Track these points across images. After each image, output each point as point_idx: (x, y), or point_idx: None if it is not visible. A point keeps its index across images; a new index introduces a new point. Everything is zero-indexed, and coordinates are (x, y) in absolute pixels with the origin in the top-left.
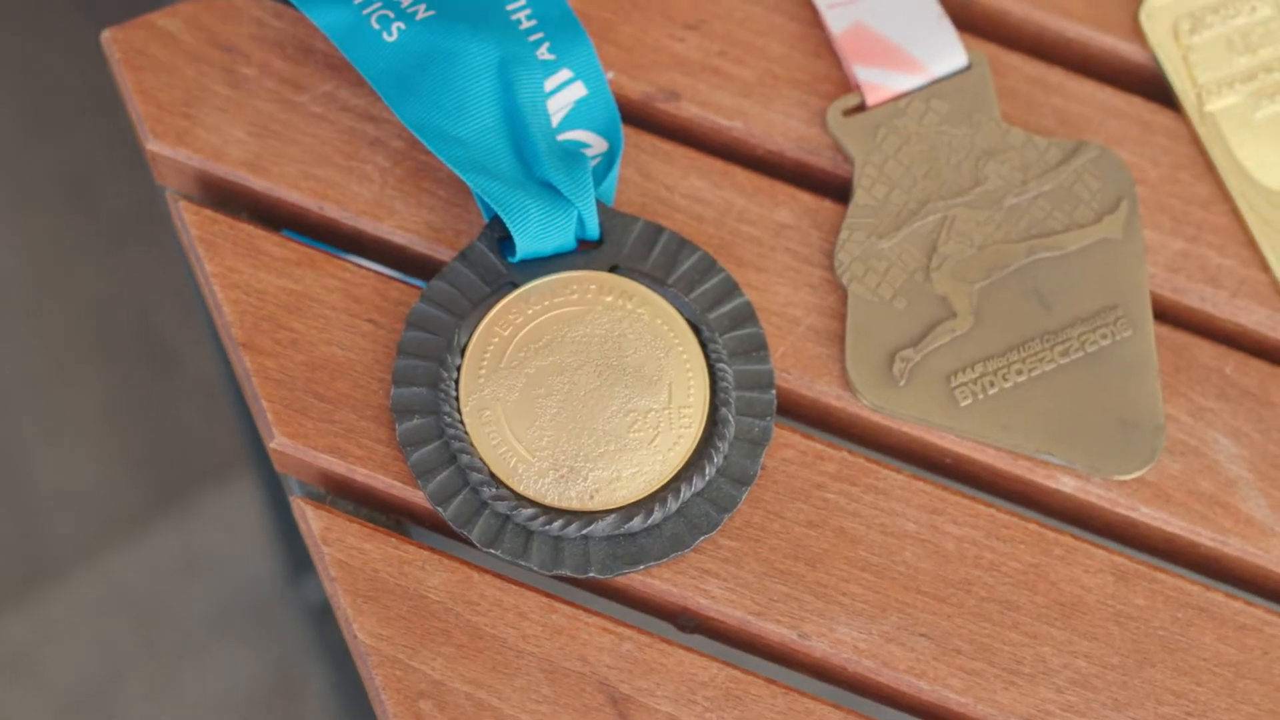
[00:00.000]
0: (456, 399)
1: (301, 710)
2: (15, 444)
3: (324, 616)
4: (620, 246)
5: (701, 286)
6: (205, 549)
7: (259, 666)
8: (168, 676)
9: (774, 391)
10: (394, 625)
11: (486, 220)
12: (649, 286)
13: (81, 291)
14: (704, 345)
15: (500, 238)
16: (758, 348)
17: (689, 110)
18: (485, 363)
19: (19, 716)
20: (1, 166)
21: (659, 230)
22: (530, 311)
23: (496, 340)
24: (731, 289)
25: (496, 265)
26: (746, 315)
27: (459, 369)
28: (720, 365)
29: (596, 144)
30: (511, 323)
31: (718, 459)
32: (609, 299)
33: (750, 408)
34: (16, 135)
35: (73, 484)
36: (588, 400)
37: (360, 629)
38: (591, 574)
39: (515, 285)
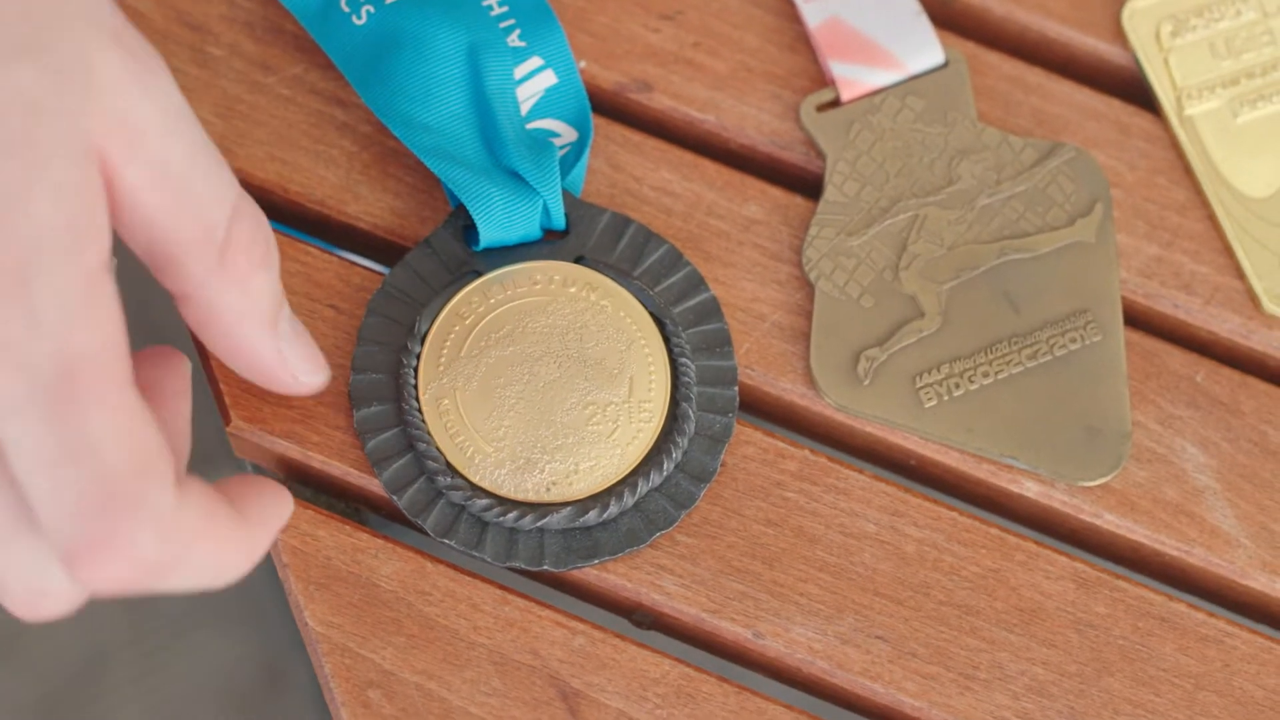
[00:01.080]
0: (415, 387)
1: (288, 699)
2: None
3: None
4: (586, 238)
5: (667, 280)
6: None
7: (245, 654)
8: (154, 662)
9: (736, 388)
10: (345, 613)
11: (453, 208)
12: (614, 279)
13: None
14: (667, 339)
15: (465, 225)
16: (722, 343)
17: (661, 102)
18: (445, 351)
19: (3, 700)
20: None
21: (626, 222)
22: (492, 301)
23: (457, 329)
24: (698, 283)
25: (460, 253)
26: (712, 310)
27: (419, 357)
28: (683, 360)
29: (566, 133)
30: (473, 311)
31: (677, 455)
32: (572, 290)
33: (712, 404)
34: None
35: None
36: (547, 392)
37: (311, 616)
38: (545, 567)
39: (479, 274)
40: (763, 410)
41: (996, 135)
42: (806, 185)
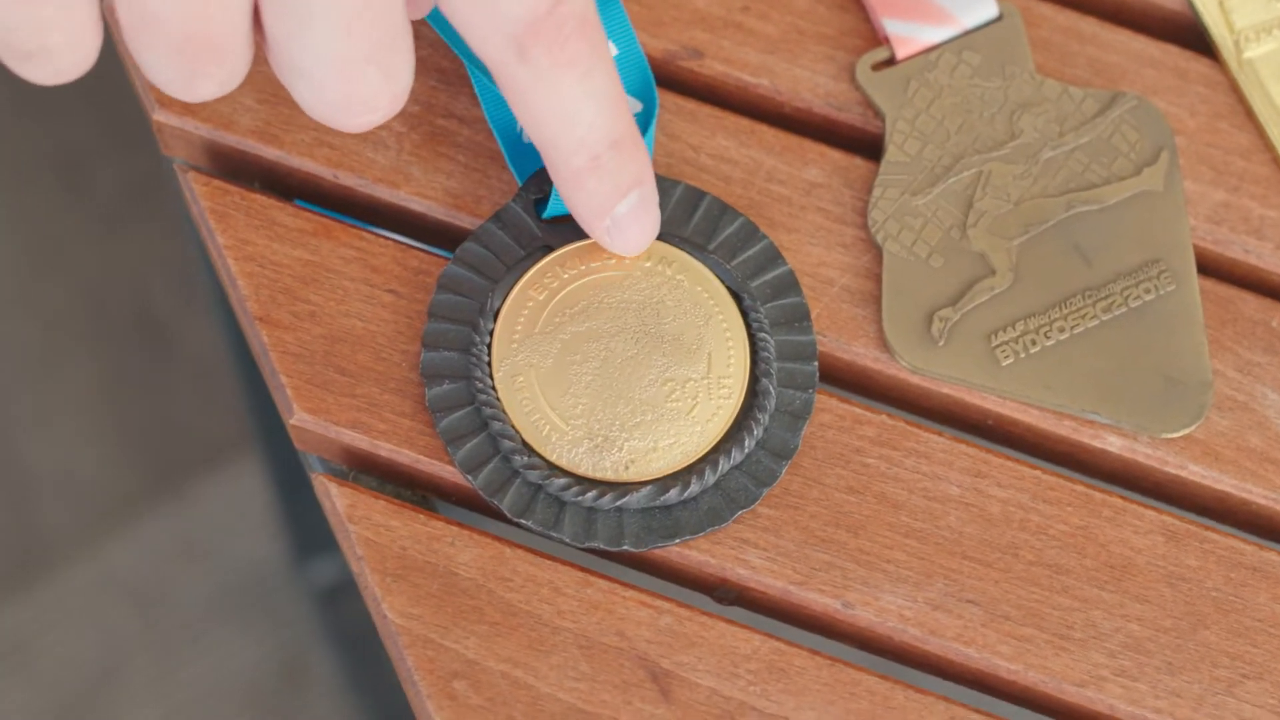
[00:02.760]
0: (489, 364)
1: (307, 695)
2: (9, 429)
3: (329, 600)
4: (660, 211)
5: (743, 254)
6: (205, 533)
7: (263, 652)
8: (170, 664)
9: (816, 364)
10: (424, 604)
11: (520, 183)
12: (689, 253)
13: (75, 273)
14: (745, 314)
15: (536, 199)
16: (800, 318)
17: (714, 68)
18: (519, 327)
19: (19, 709)
20: None
21: (700, 195)
22: (566, 276)
23: (531, 305)
24: (774, 257)
25: (532, 227)
26: (789, 284)
27: (491, 333)
28: (762, 335)
29: (630, 105)
30: (547, 287)
31: (758, 431)
32: (648, 264)
33: (791, 379)
34: (6, 116)
35: (69, 469)
36: (624, 368)
37: (390, 609)
38: (625, 547)
39: (550, 248)
40: (836, 376)
41: (1056, 87)
42: (865, 146)
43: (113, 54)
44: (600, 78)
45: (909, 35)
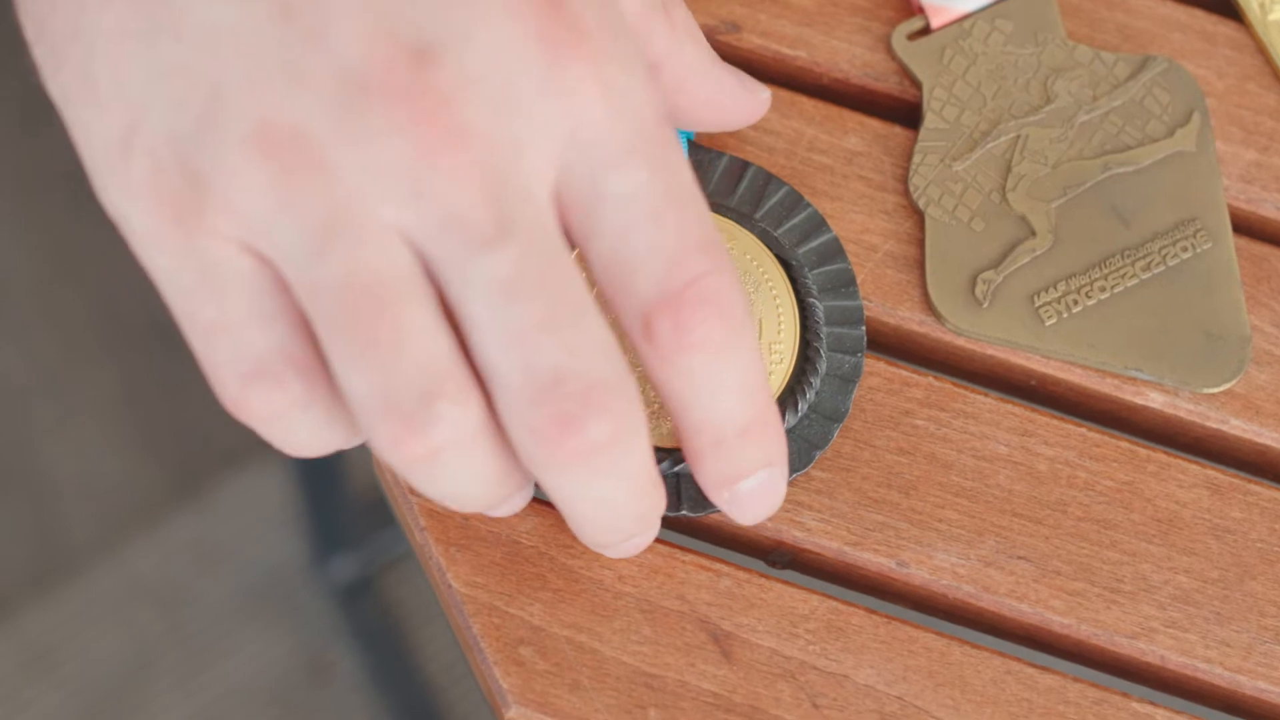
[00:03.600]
0: None
1: (331, 691)
2: (30, 436)
3: (350, 597)
4: (706, 182)
5: (789, 221)
6: (227, 535)
7: (286, 650)
8: (196, 664)
9: (864, 328)
10: (488, 573)
11: None
12: (736, 221)
13: (94, 281)
14: (793, 281)
15: None
16: (847, 283)
17: (751, 41)
18: None
19: (50, 713)
20: (5, 157)
21: (745, 165)
22: None
23: (583, 274)
24: (819, 224)
25: None
26: (835, 250)
27: None
28: (810, 300)
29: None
30: None
31: (810, 395)
32: None
33: (840, 344)
34: (20, 125)
35: (90, 475)
36: None
37: (455, 578)
38: (683, 512)
39: None
40: (882, 341)
41: (1088, 52)
42: (903, 114)
43: None
44: (732, 360)
45: (943, 4)
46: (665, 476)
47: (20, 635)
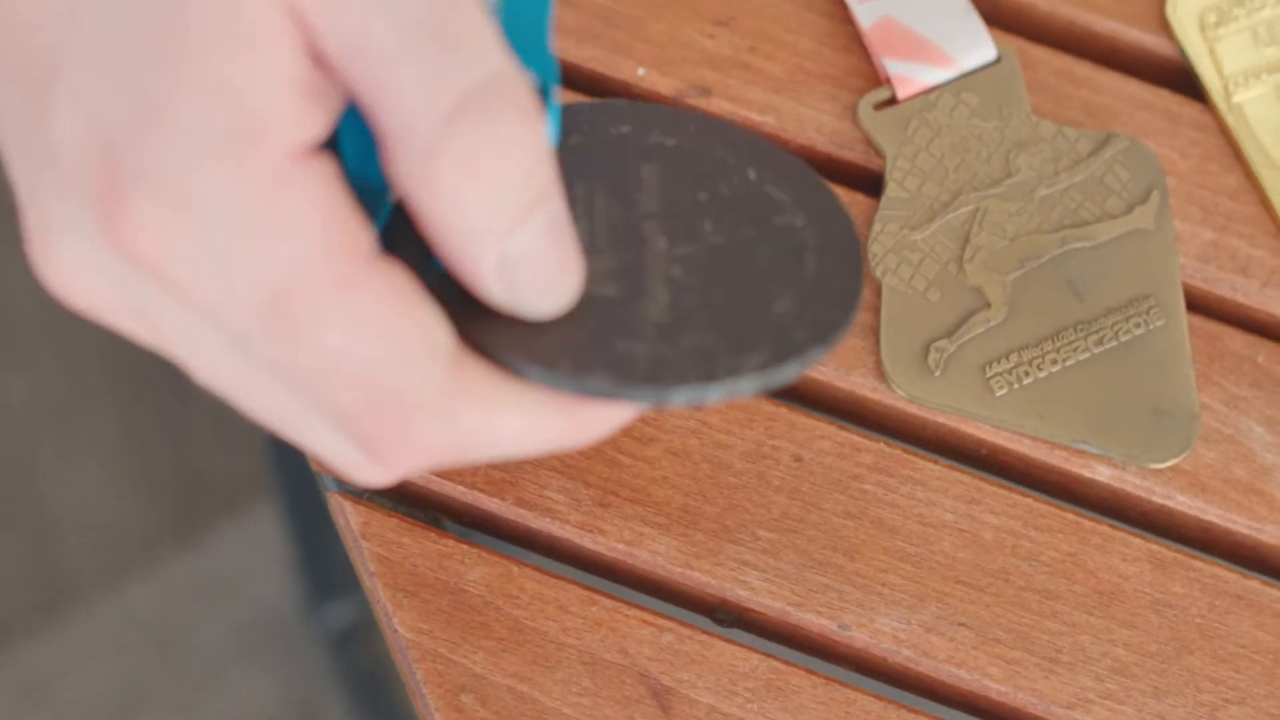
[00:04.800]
0: None
1: None
2: (34, 469)
3: (344, 642)
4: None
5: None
6: (224, 575)
7: (280, 692)
8: (188, 702)
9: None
10: (434, 619)
11: None
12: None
13: None
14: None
15: None
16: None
17: (720, 106)
18: None
19: None
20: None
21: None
22: None
23: None
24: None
25: None
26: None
27: None
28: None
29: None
30: None
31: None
32: None
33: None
34: None
35: (91, 510)
36: None
37: (400, 623)
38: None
39: None
40: (835, 405)
41: (1051, 127)
42: (867, 183)
43: None
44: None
45: (910, 76)
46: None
47: (17, 666)
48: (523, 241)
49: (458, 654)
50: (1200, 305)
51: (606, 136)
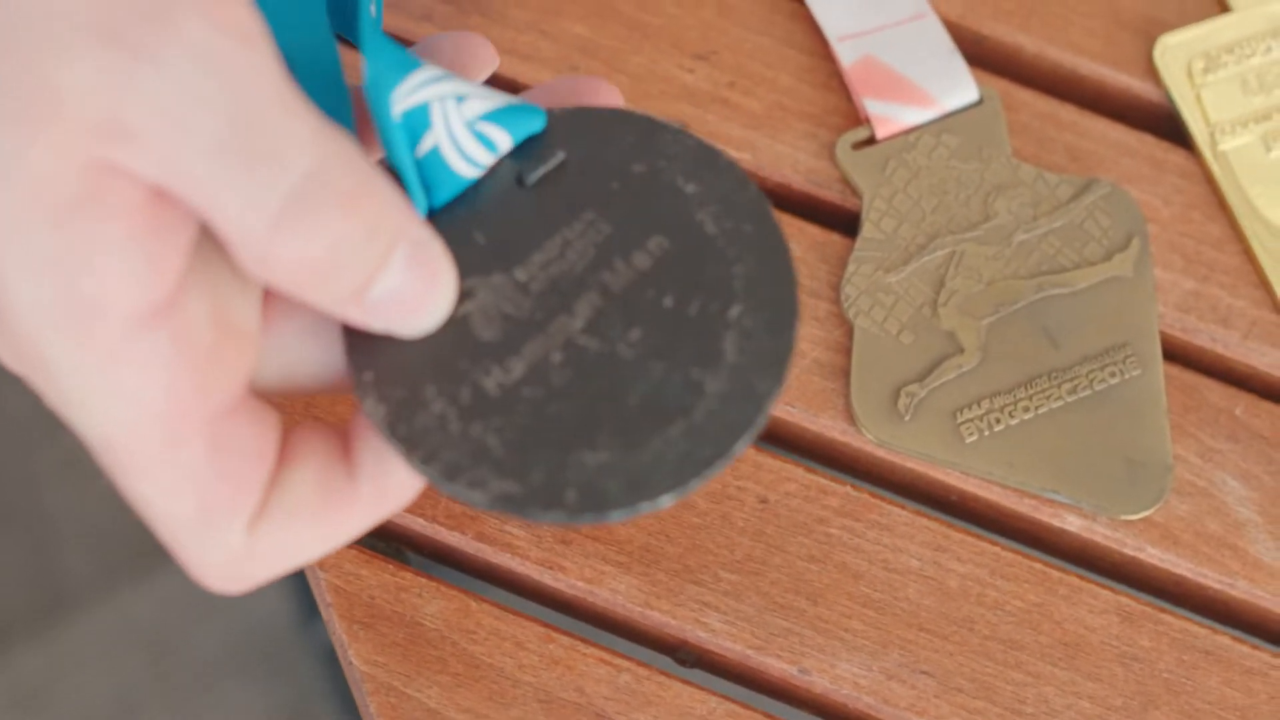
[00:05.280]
0: None
1: None
2: (34, 476)
3: (336, 658)
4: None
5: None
6: None
7: (271, 706)
8: (181, 713)
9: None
10: (390, 652)
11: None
12: None
13: None
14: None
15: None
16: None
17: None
18: None
19: None
20: None
21: None
22: None
23: None
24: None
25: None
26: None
27: None
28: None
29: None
30: None
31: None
32: None
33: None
34: None
35: (89, 518)
36: None
37: (356, 655)
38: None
39: None
40: (803, 447)
41: (1032, 171)
42: (843, 223)
43: None
44: None
45: (889, 116)
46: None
47: (13, 673)
48: (383, 286)
49: (412, 688)
50: (1179, 355)
51: (627, 170)
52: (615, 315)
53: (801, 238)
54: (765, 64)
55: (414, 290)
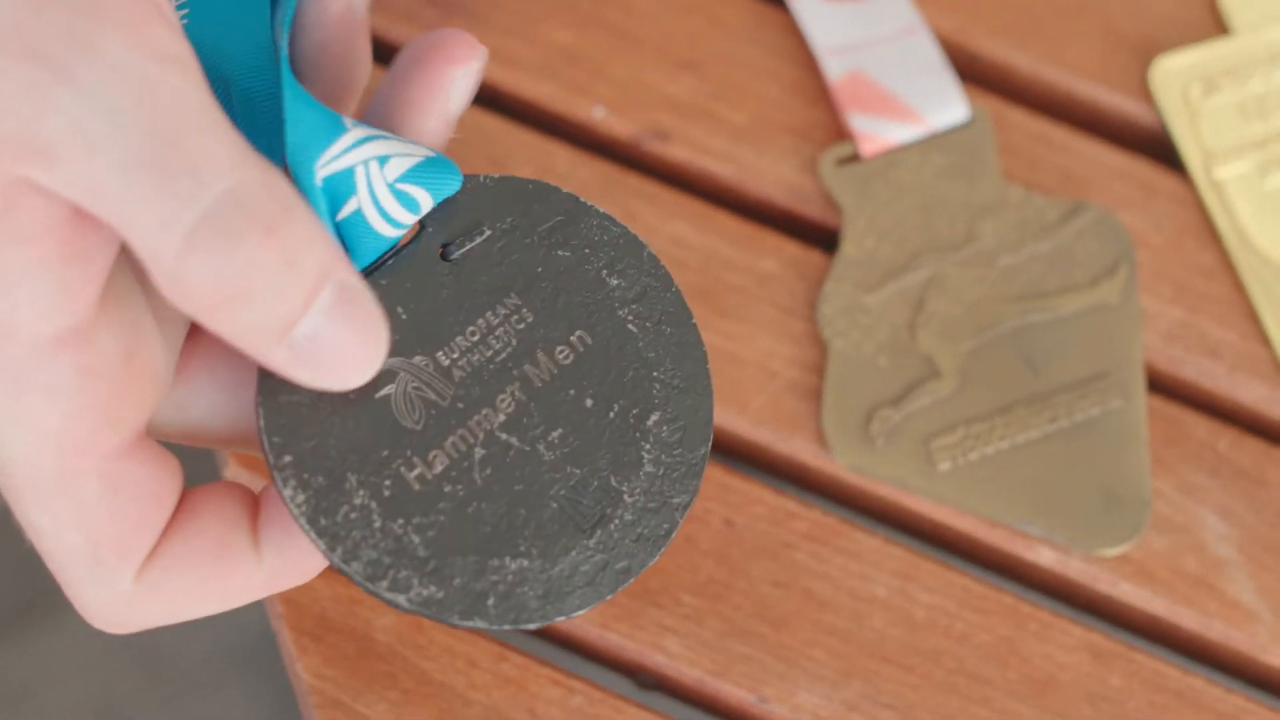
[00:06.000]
0: None
1: None
2: None
3: None
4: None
5: None
6: None
7: (257, 710)
8: (168, 715)
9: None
10: (338, 666)
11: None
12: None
13: None
14: None
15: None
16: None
17: (677, 153)
18: None
19: None
20: None
21: None
22: None
23: None
24: None
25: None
26: None
27: None
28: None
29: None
30: None
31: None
32: None
33: None
34: None
35: None
36: None
37: (304, 668)
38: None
39: None
40: (773, 469)
41: (1020, 193)
42: (824, 239)
43: None
44: None
45: (876, 132)
46: None
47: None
48: (309, 326)
49: (361, 703)
50: (1163, 386)
51: (552, 255)
52: (536, 413)
53: (780, 254)
54: (752, 76)
55: (342, 338)
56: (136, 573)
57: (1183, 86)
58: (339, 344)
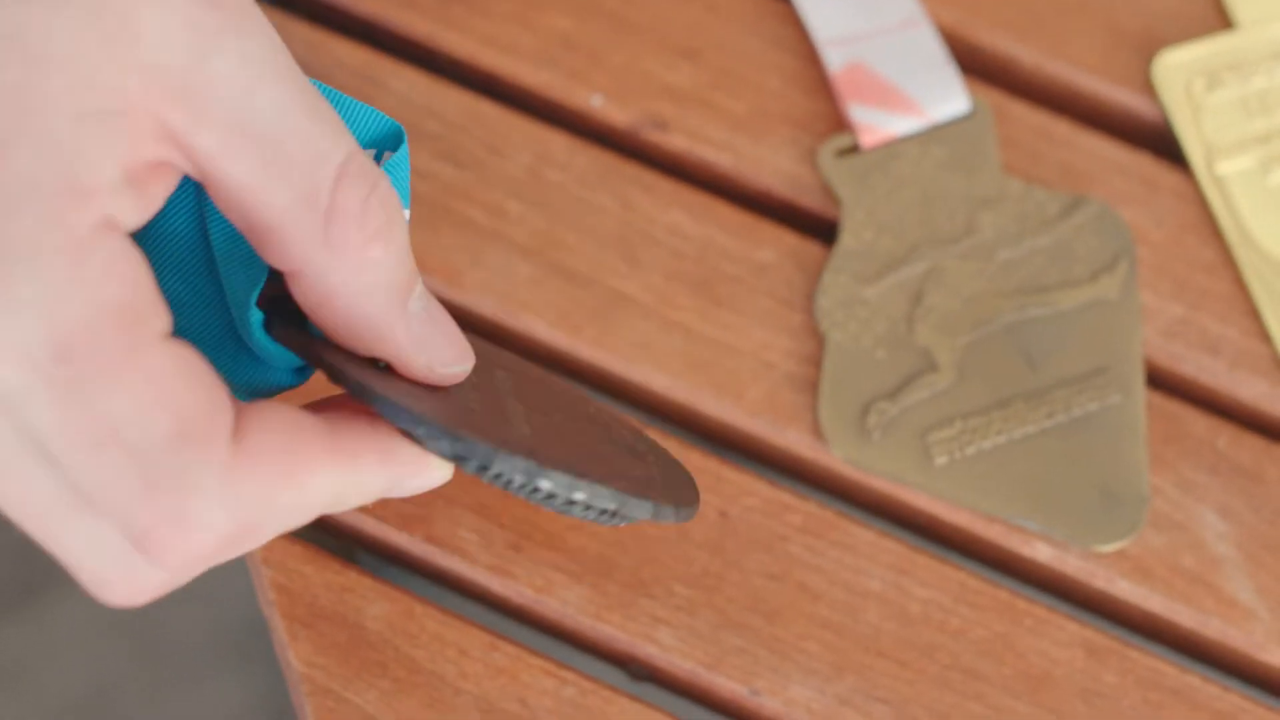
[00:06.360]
0: None
1: None
2: None
3: None
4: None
5: None
6: (205, 576)
7: (252, 694)
8: (161, 697)
9: None
10: (329, 654)
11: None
12: None
13: None
14: None
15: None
16: None
17: (676, 142)
18: None
19: None
20: None
21: None
22: None
23: None
24: None
25: None
26: None
27: None
28: None
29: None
30: None
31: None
32: None
33: None
34: None
35: None
36: None
37: (295, 656)
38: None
39: None
40: (769, 461)
41: (1020, 187)
42: (822, 231)
43: None
44: None
45: (876, 124)
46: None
47: None
48: (419, 304)
49: (351, 691)
50: (1163, 383)
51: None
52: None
53: (778, 244)
54: (752, 66)
55: (442, 319)
56: (229, 446)
57: (1185, 81)
58: (443, 325)
